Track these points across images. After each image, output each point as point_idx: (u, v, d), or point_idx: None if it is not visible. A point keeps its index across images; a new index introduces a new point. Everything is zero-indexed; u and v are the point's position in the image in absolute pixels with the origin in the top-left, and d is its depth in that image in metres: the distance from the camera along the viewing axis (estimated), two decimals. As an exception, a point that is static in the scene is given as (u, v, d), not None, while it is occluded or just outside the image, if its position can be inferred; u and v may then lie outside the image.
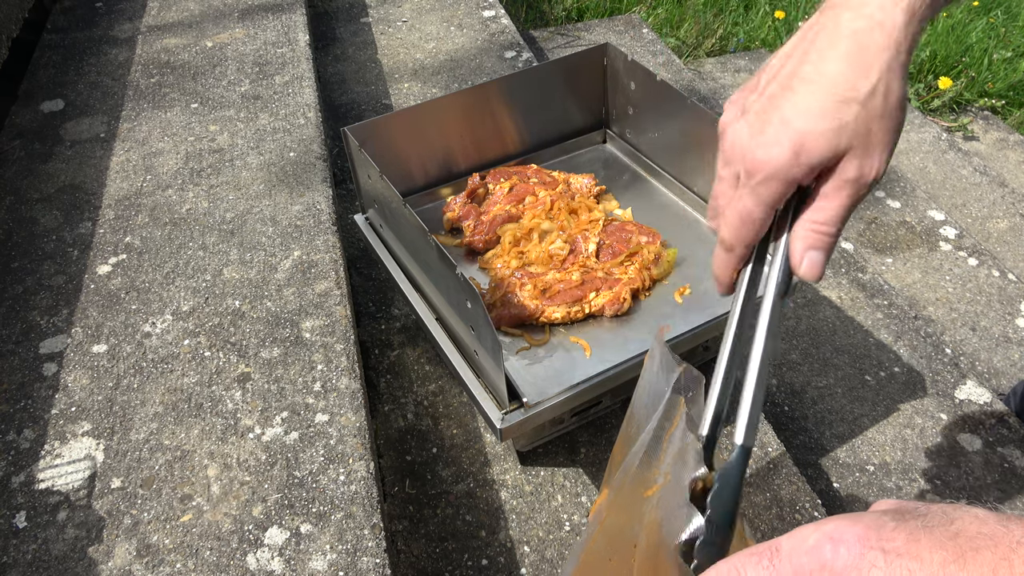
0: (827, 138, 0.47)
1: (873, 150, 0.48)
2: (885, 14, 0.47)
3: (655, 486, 0.58)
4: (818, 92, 0.48)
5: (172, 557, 0.75)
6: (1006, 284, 1.59)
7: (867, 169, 0.48)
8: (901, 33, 0.47)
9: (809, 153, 0.48)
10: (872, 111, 0.47)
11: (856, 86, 0.47)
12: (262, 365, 0.93)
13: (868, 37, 0.47)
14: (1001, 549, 0.31)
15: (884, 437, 1.14)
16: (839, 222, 0.50)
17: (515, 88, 1.10)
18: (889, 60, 0.47)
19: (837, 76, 0.47)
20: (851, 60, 0.47)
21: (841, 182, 0.49)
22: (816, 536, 0.35)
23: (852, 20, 0.47)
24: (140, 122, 1.33)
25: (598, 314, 0.93)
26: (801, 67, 0.49)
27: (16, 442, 0.85)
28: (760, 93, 0.52)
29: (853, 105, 0.47)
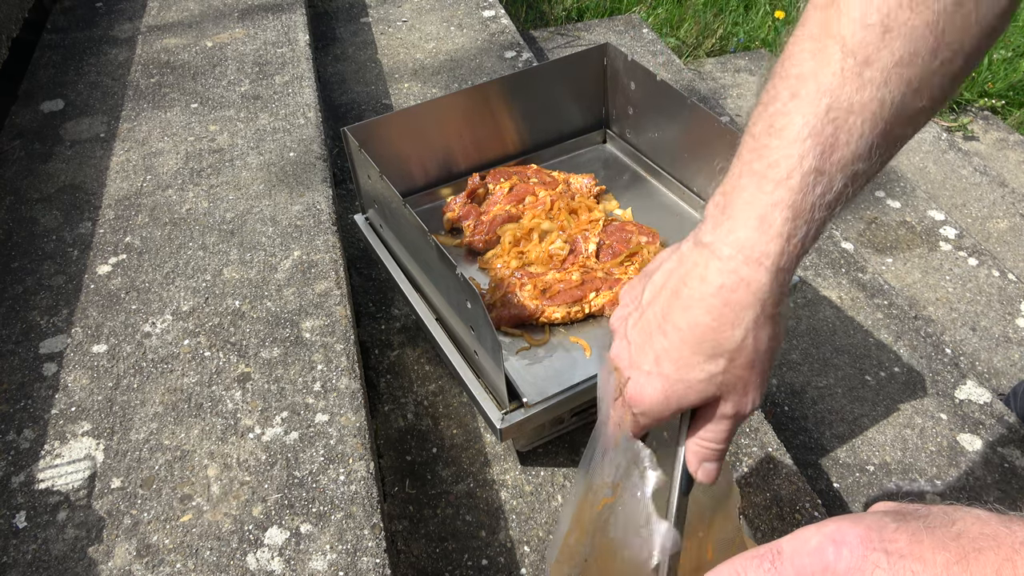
0: (696, 388, 0.51)
1: (746, 392, 0.51)
2: (750, 271, 0.48)
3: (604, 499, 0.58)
4: (688, 344, 0.50)
5: (172, 557, 0.75)
6: (1006, 284, 1.59)
7: (741, 407, 0.52)
8: (765, 290, 0.48)
9: (680, 400, 0.52)
10: (740, 363, 0.50)
11: (722, 342, 0.49)
12: (262, 365, 0.93)
13: (733, 295, 0.48)
14: (1004, 550, 0.31)
15: (884, 437, 1.14)
16: (724, 442, 0.54)
17: (515, 88, 1.10)
18: (755, 316, 0.48)
19: (705, 330, 0.49)
20: (718, 316, 0.48)
21: (720, 415, 0.52)
22: (818, 538, 0.35)
23: (719, 274, 0.48)
24: (140, 122, 1.33)
25: (598, 314, 0.93)
26: (672, 312, 0.51)
27: (16, 442, 0.85)
28: (640, 315, 0.54)
29: (720, 360, 0.49)
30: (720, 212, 0.50)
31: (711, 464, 0.55)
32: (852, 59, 0.46)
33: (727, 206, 0.49)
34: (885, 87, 0.46)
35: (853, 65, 0.46)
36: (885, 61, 0.45)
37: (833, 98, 0.46)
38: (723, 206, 0.50)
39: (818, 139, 0.46)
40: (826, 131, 0.46)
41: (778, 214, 0.47)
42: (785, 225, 0.47)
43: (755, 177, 0.48)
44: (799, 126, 0.47)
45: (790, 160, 0.47)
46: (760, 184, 0.48)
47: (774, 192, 0.47)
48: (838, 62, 0.46)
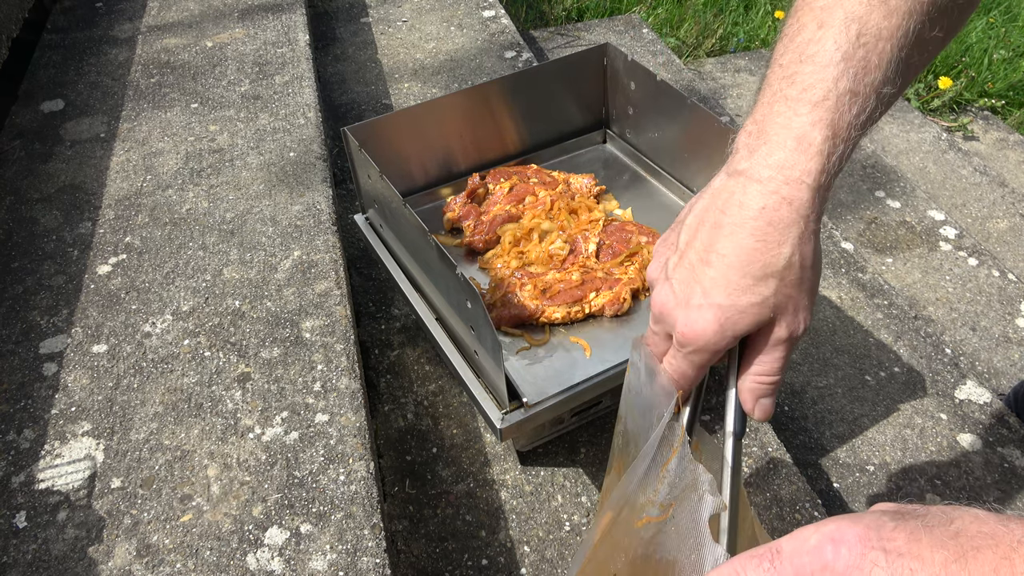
0: (751, 312, 0.50)
1: (797, 312, 0.51)
2: (791, 190, 0.49)
3: (647, 517, 0.58)
4: (736, 268, 0.50)
5: (172, 557, 0.75)
6: (1006, 284, 1.59)
7: (794, 328, 0.52)
8: (808, 207, 0.49)
9: (735, 327, 0.51)
10: (789, 281, 0.50)
11: (771, 262, 0.49)
12: (262, 365, 0.93)
13: (776, 214, 0.49)
14: (1002, 548, 0.32)
15: (884, 437, 1.14)
16: (780, 372, 0.53)
17: (515, 88, 1.10)
18: (800, 233, 0.49)
19: (752, 253, 0.49)
20: (763, 237, 0.49)
21: (774, 341, 0.52)
22: (817, 537, 0.35)
23: (760, 196, 0.49)
24: (140, 122, 1.33)
25: (598, 314, 0.93)
26: (716, 242, 0.51)
27: (16, 442, 0.85)
28: (680, 256, 0.54)
29: (771, 280, 0.49)
30: (754, 139, 0.51)
31: (767, 400, 0.54)
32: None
33: (761, 132, 0.50)
34: (909, 16, 0.48)
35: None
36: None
37: (862, 24, 0.48)
38: (757, 133, 0.51)
39: (851, 62, 0.48)
40: (858, 55, 0.48)
41: (817, 133, 0.48)
42: (825, 144, 0.48)
43: (789, 102, 0.49)
44: (831, 51, 0.48)
45: (825, 83, 0.48)
46: (795, 107, 0.49)
47: (811, 113, 0.48)
48: None
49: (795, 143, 0.49)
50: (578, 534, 0.90)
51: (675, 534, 0.55)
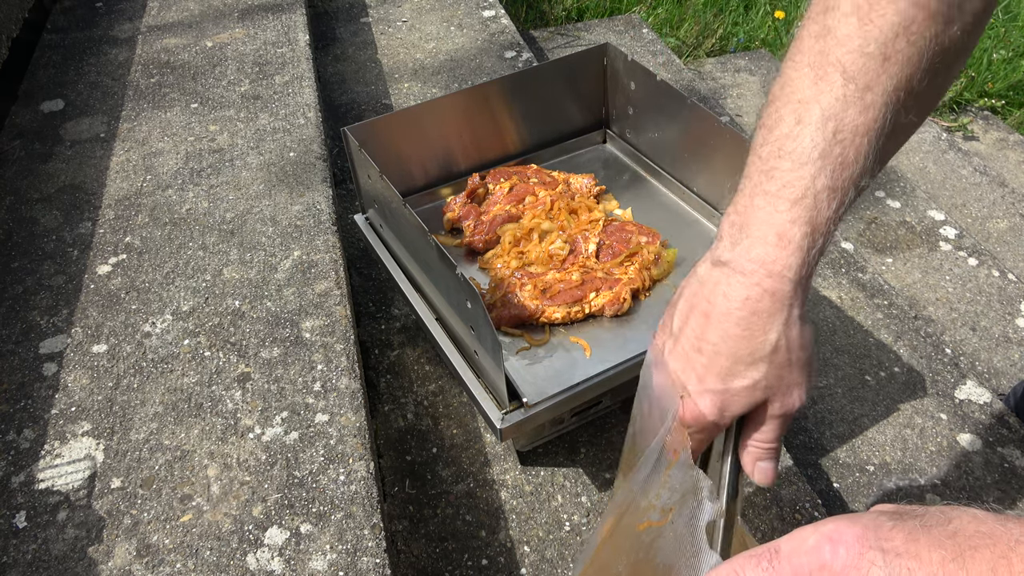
0: (743, 395, 0.53)
1: (790, 391, 0.53)
2: (773, 283, 0.50)
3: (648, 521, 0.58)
4: (725, 356, 0.52)
5: (172, 557, 0.75)
6: (1006, 284, 1.59)
7: (788, 405, 0.54)
8: (790, 297, 0.51)
9: (730, 408, 0.54)
10: (778, 363, 0.52)
11: (757, 348, 0.51)
12: (262, 365, 0.93)
13: (759, 304, 0.51)
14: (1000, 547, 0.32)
15: (884, 437, 1.14)
16: (777, 440, 0.56)
17: (515, 88, 1.10)
18: (784, 319, 0.51)
19: (739, 341, 0.52)
20: (748, 326, 0.51)
21: (769, 417, 0.54)
22: (815, 537, 0.36)
23: (743, 288, 0.51)
24: (140, 122, 1.33)
25: (598, 314, 0.93)
26: (706, 331, 0.53)
27: (16, 442, 0.85)
28: (675, 343, 0.57)
29: (760, 364, 0.52)
30: (737, 231, 0.53)
31: (766, 463, 0.57)
32: (853, 85, 0.49)
33: (744, 225, 0.52)
34: (885, 108, 0.49)
35: (855, 90, 0.49)
36: (885, 85, 0.49)
37: (839, 121, 0.49)
38: (740, 225, 0.53)
39: (828, 159, 0.49)
40: (835, 152, 0.49)
41: (797, 230, 0.50)
42: (804, 240, 0.50)
43: (769, 197, 0.51)
44: (808, 149, 0.50)
45: (803, 180, 0.50)
46: (775, 204, 0.51)
47: (791, 211, 0.50)
48: (840, 88, 0.49)
49: (776, 239, 0.50)
50: (578, 534, 0.90)
51: (674, 539, 0.55)
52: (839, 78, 0.49)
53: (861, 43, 0.49)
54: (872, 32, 0.49)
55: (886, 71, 0.49)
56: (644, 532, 0.58)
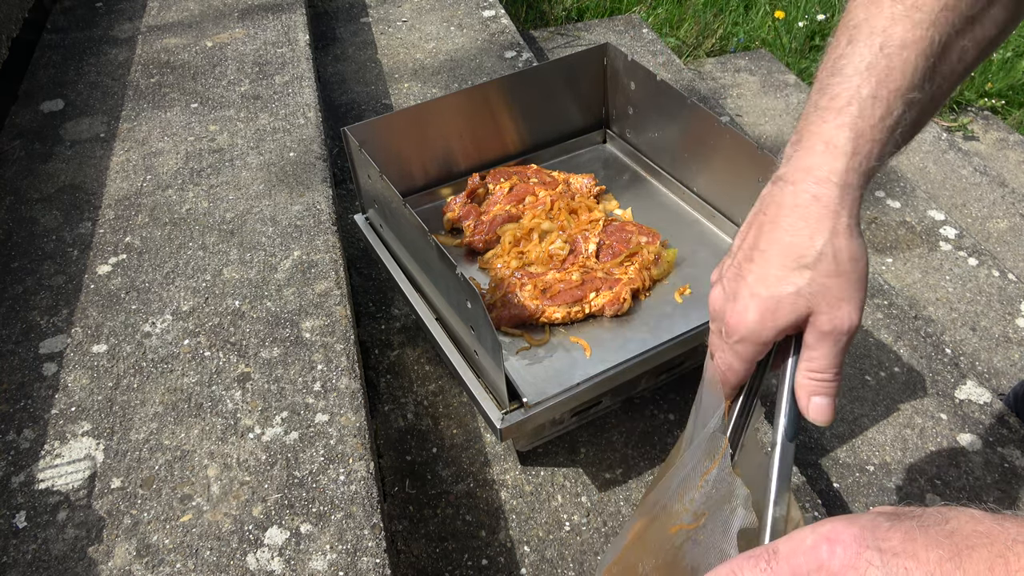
0: (787, 302, 0.53)
1: (839, 304, 0.52)
2: (820, 188, 0.52)
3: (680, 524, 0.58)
4: (774, 262, 0.54)
5: (172, 557, 0.75)
6: (1006, 284, 1.59)
7: (838, 322, 0.53)
8: (837, 203, 0.52)
9: (775, 316, 0.54)
10: (825, 272, 0.52)
11: (804, 254, 0.52)
12: (262, 365, 0.93)
13: (807, 210, 0.53)
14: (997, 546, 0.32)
15: (884, 437, 1.14)
16: (832, 368, 0.54)
17: (515, 88, 1.10)
18: (831, 227, 0.52)
19: (787, 246, 0.53)
20: (796, 231, 0.53)
21: (820, 334, 0.53)
22: (813, 537, 0.36)
23: (794, 195, 0.54)
24: (140, 122, 1.33)
25: (598, 314, 0.93)
26: (759, 240, 0.55)
27: (16, 442, 0.85)
28: (733, 258, 0.59)
29: (805, 272, 0.52)
30: (792, 147, 0.56)
31: (821, 399, 0.55)
32: (901, 5, 0.53)
33: (798, 140, 0.55)
34: (933, 27, 0.52)
35: (903, 9, 0.52)
36: (932, 5, 0.52)
37: (885, 37, 0.52)
38: (795, 141, 0.56)
39: (873, 71, 0.52)
40: (880, 64, 0.52)
41: (841, 135, 0.52)
42: (848, 144, 0.52)
43: (820, 111, 0.54)
44: (856, 63, 0.53)
45: (848, 91, 0.53)
46: (823, 115, 0.54)
47: (837, 118, 0.53)
48: (888, 7, 0.53)
49: (823, 147, 0.53)
50: (578, 534, 0.90)
51: (703, 544, 0.55)
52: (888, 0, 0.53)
53: None
54: None
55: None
56: (675, 535, 0.58)
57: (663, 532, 0.59)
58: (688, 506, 0.58)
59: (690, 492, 0.58)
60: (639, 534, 0.63)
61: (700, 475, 0.58)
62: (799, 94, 2.34)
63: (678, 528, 0.58)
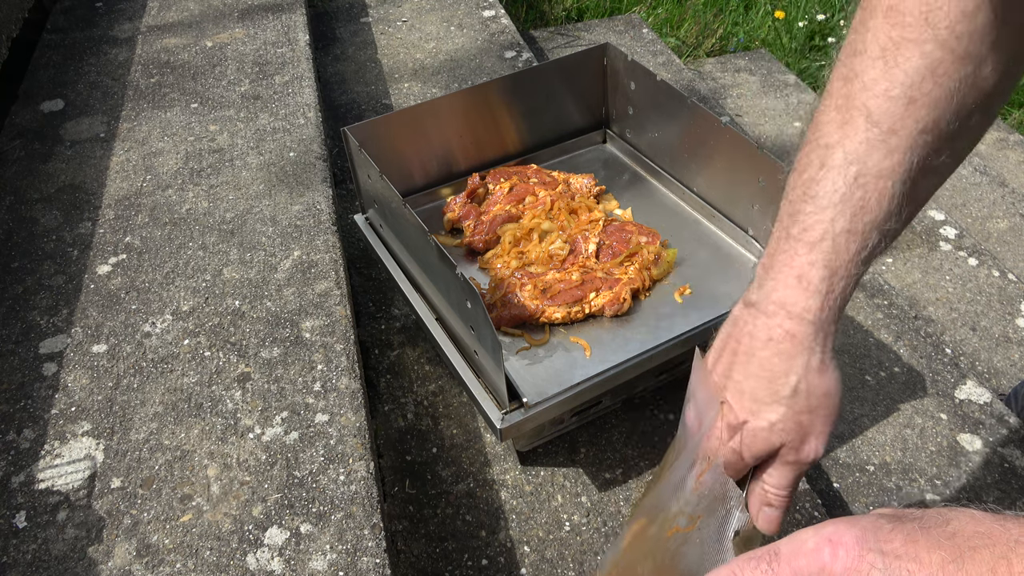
0: (761, 436, 0.53)
1: (808, 439, 0.53)
2: (794, 325, 0.51)
3: (676, 527, 0.58)
4: (747, 395, 0.53)
5: (172, 557, 0.75)
6: (1006, 284, 1.59)
7: (803, 455, 0.53)
8: (811, 339, 0.51)
9: (751, 449, 0.54)
10: (798, 408, 0.52)
11: (777, 390, 0.52)
12: (262, 365, 0.93)
13: (781, 346, 0.52)
14: (999, 548, 0.32)
15: (884, 437, 1.14)
16: (788, 487, 0.55)
17: (515, 88, 1.10)
18: (805, 363, 0.51)
19: (760, 381, 0.53)
20: (770, 367, 0.52)
21: (784, 463, 0.54)
22: (815, 539, 0.36)
23: (767, 329, 0.52)
24: (140, 122, 1.33)
25: (598, 314, 0.93)
26: (732, 369, 0.55)
27: (16, 442, 0.85)
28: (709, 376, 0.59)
29: (779, 408, 0.52)
30: (764, 272, 0.54)
31: (771, 510, 0.56)
32: (877, 129, 0.49)
33: (769, 267, 0.53)
34: (911, 151, 0.49)
35: (879, 134, 0.49)
36: (910, 129, 0.48)
37: (861, 165, 0.49)
38: (766, 267, 0.54)
39: (848, 203, 0.50)
40: (855, 195, 0.50)
41: (815, 273, 0.50)
42: (823, 283, 0.50)
43: (791, 241, 0.52)
44: (830, 192, 0.50)
45: (823, 224, 0.50)
46: (796, 247, 0.52)
47: (810, 254, 0.51)
48: (863, 132, 0.49)
49: (795, 281, 0.51)
50: (578, 534, 0.90)
51: (699, 546, 0.56)
52: (863, 122, 0.49)
53: (887, 87, 0.48)
54: (897, 76, 0.48)
55: (911, 114, 0.48)
56: (671, 538, 0.58)
57: (660, 535, 0.59)
58: (684, 509, 0.58)
59: (685, 495, 0.58)
60: (637, 537, 0.63)
61: (695, 477, 0.58)
62: (799, 94, 2.34)
63: (674, 531, 0.58)
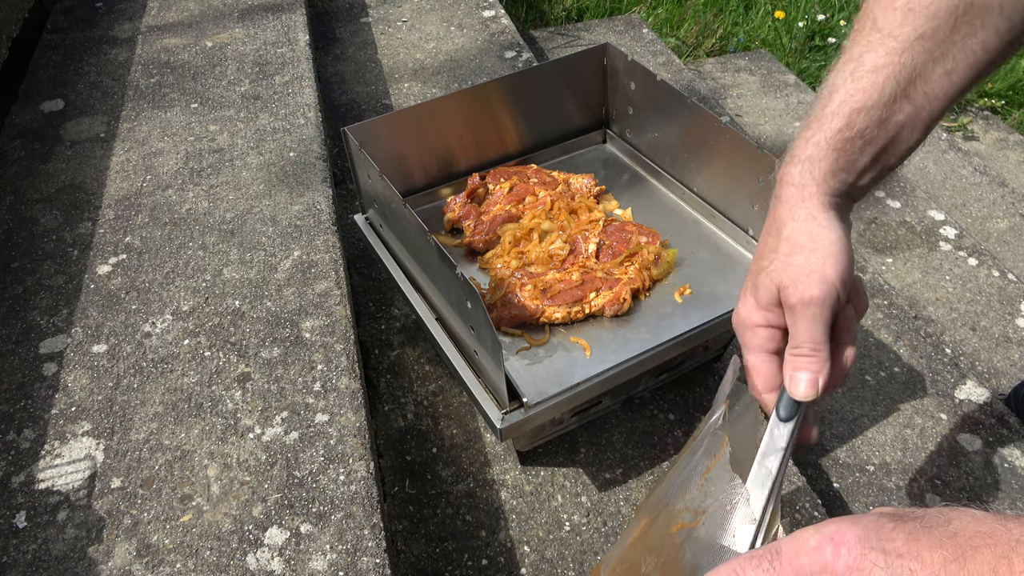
0: (763, 283, 0.59)
1: (801, 279, 0.57)
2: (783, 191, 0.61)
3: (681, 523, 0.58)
4: (756, 257, 0.62)
5: (172, 557, 0.75)
6: (1006, 284, 1.59)
7: (800, 294, 0.57)
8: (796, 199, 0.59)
9: (756, 297, 0.60)
10: (786, 252, 0.58)
11: (772, 244, 0.60)
12: (262, 365, 0.93)
13: (775, 211, 0.61)
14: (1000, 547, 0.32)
15: (884, 437, 1.14)
16: (808, 343, 0.57)
17: (515, 88, 1.10)
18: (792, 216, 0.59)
19: (768, 237, 0.61)
20: (769, 229, 0.61)
21: (788, 308, 0.58)
22: (817, 538, 0.36)
23: (773, 201, 0.62)
24: (140, 122, 1.33)
25: (598, 314, 0.93)
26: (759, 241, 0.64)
27: (16, 442, 0.85)
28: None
29: (772, 255, 0.59)
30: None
31: (800, 374, 0.57)
32: (879, 34, 0.57)
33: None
34: (907, 52, 0.56)
35: (879, 38, 0.57)
36: (908, 35, 0.56)
37: (858, 63, 0.58)
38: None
39: (837, 92, 0.58)
40: (847, 86, 0.58)
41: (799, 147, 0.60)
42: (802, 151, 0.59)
43: (798, 132, 0.61)
44: (828, 87, 0.59)
45: (815, 111, 0.60)
46: (798, 135, 0.61)
47: (803, 134, 0.60)
48: (867, 36, 0.58)
49: (790, 158, 0.61)
50: (578, 534, 0.90)
51: (703, 541, 0.55)
52: (869, 28, 0.58)
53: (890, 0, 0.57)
54: None
55: (909, 22, 0.55)
56: (676, 533, 0.58)
57: (665, 531, 0.59)
58: (689, 504, 0.58)
59: (691, 491, 0.58)
60: (642, 532, 0.63)
61: (701, 473, 0.58)
62: (799, 94, 2.34)
63: (679, 527, 0.58)
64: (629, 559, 0.63)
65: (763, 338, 0.60)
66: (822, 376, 0.57)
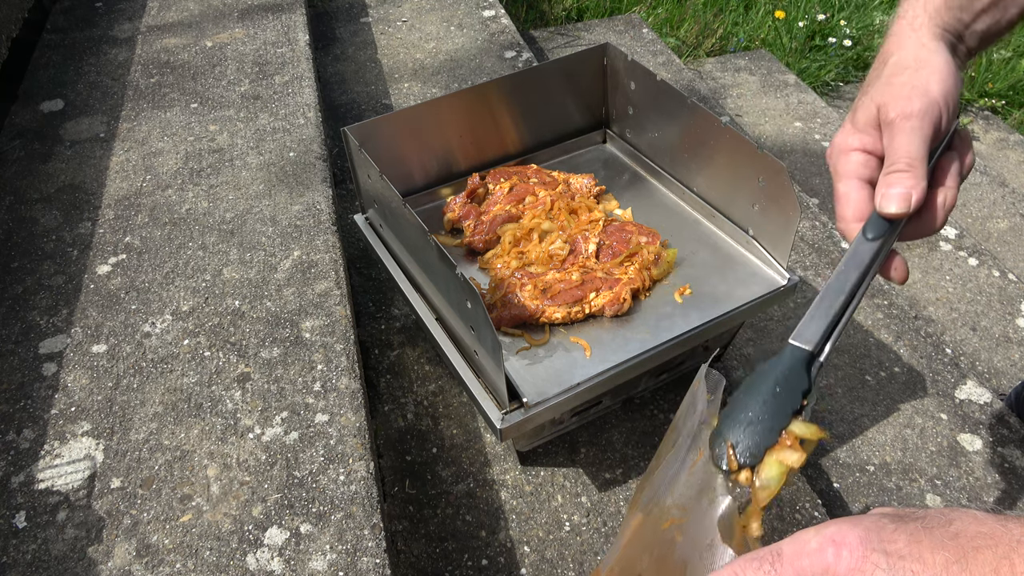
0: (863, 104, 0.59)
1: (902, 96, 0.57)
2: (893, 26, 0.63)
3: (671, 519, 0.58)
4: (862, 89, 0.63)
5: (172, 557, 0.75)
6: (1006, 284, 1.59)
7: (900, 109, 0.56)
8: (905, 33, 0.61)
9: (854, 119, 0.60)
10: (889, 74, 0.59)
11: (880, 67, 0.62)
12: (262, 365, 0.93)
13: (885, 48, 0.63)
14: (1002, 548, 0.32)
15: (884, 437, 1.14)
16: (903, 158, 0.56)
17: (515, 88, 1.10)
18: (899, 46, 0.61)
19: (872, 71, 0.63)
20: (879, 60, 0.63)
21: (887, 124, 0.57)
22: (818, 540, 0.36)
23: (885, 36, 0.64)
24: (140, 122, 1.33)
25: (598, 314, 0.93)
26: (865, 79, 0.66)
27: (16, 442, 0.85)
28: None
29: (877, 83, 0.60)
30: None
31: (891, 189, 0.55)
32: None
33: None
34: None
35: None
36: None
37: None
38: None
39: None
40: None
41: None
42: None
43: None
44: None
45: None
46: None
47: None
48: None
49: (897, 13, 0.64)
50: (578, 534, 0.90)
51: (691, 535, 0.55)
52: None
53: None
54: None
55: None
56: (667, 529, 0.58)
57: (656, 528, 0.59)
58: (678, 500, 0.58)
59: (679, 486, 0.58)
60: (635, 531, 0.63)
61: (688, 468, 0.58)
62: (799, 94, 2.34)
63: (670, 523, 0.58)
64: (626, 558, 0.63)
65: (857, 163, 0.59)
66: (916, 192, 0.55)
